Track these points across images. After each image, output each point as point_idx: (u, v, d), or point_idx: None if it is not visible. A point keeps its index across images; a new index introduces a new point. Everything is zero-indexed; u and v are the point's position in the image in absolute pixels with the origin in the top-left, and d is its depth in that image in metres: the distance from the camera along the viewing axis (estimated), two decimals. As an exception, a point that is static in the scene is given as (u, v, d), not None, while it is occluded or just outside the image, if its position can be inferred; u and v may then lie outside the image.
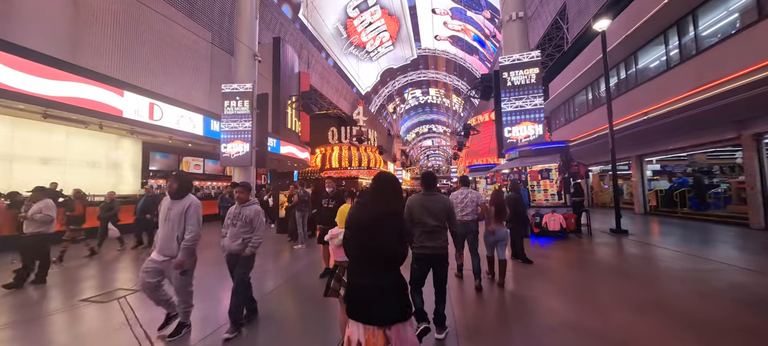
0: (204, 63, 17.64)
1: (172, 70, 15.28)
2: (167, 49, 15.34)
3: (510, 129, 12.08)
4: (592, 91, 17.65)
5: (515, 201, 6.50)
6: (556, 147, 8.90)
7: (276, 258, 7.31)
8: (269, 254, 7.68)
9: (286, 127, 21.94)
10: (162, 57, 15.00)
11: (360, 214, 2.01)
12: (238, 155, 14.03)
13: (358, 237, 1.93)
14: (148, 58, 14.35)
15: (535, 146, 9.04)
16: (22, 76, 7.87)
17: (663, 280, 5.04)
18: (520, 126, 11.93)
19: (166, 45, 15.31)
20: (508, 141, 12.02)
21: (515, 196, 6.69)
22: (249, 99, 14.22)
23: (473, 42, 35.18)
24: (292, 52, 23.75)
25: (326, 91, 34.15)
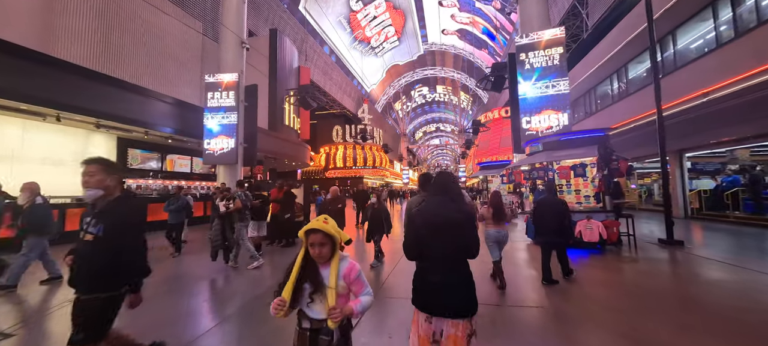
0: (194, 55, 16.22)
1: (157, 62, 13.87)
2: (152, 39, 13.93)
3: (529, 119, 10.22)
4: (618, 80, 15.59)
5: (556, 206, 4.80)
6: (593, 137, 7.00)
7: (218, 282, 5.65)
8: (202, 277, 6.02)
9: (283, 123, 20.44)
10: (145, 47, 13.59)
11: (448, 212, 1.96)
12: (223, 152, 12.50)
13: (444, 235, 1.91)
14: (130, 48, 12.96)
15: (566, 136, 7.19)
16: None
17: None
18: (542, 115, 10.06)
19: (151, 35, 13.91)
20: (527, 133, 10.16)
21: (554, 199, 4.96)
22: (235, 90, 12.68)
23: (482, 35, 33.16)
24: (291, 45, 22.24)
25: (329, 88, 32.61)
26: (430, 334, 1.84)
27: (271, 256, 7.46)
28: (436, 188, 2.13)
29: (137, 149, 12.99)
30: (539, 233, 5.25)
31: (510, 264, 6.13)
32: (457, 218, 1.96)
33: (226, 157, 12.43)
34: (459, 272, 1.91)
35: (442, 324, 1.83)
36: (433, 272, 1.90)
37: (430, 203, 2.09)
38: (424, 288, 1.92)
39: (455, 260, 1.92)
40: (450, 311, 1.83)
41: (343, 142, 36.73)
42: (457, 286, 1.88)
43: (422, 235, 1.96)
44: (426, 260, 1.97)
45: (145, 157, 13.30)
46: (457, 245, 1.91)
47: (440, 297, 1.85)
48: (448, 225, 1.94)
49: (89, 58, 11.42)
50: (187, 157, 14.86)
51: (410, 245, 2.00)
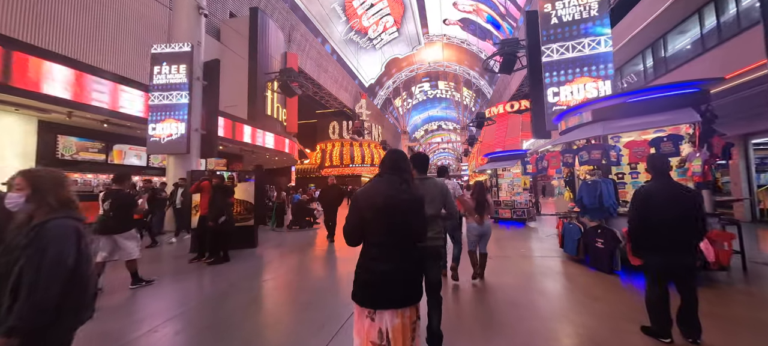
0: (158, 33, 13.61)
1: (109, 36, 11.24)
2: (104, 9, 11.32)
3: (556, 90, 7.48)
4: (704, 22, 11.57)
5: (683, 200, 2.35)
6: (684, 95, 4.17)
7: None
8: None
9: (264, 113, 17.82)
10: (91, 18, 10.98)
11: (394, 194, 1.71)
12: (171, 139, 9.88)
13: (392, 219, 1.69)
14: (71, 19, 10.36)
15: (638, 95, 4.37)
16: None
17: None
18: (574, 84, 7.31)
19: (101, 5, 11.30)
20: (554, 108, 7.42)
21: (677, 187, 2.35)
22: (187, 64, 10.08)
23: (486, 24, 30.38)
24: (276, 29, 19.63)
25: (324, 81, 29.99)
26: (377, 332, 1.63)
27: (198, 277, 4.81)
28: (386, 167, 1.82)
29: (72, 137, 10.42)
30: (647, 247, 2.61)
31: (562, 301, 3.51)
32: (405, 199, 1.73)
33: (174, 145, 9.81)
34: (407, 258, 1.73)
35: (387, 316, 1.64)
36: (379, 259, 1.68)
37: (377, 182, 1.80)
38: (368, 279, 1.69)
39: (404, 244, 1.72)
40: (396, 301, 1.65)
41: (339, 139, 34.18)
42: (406, 273, 1.70)
43: (366, 218, 1.70)
44: (371, 247, 1.73)
45: (82, 147, 10.72)
46: (404, 228, 1.72)
47: (386, 287, 1.65)
48: (395, 207, 1.71)
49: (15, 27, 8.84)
50: (141, 147, 12.24)
51: (351, 228, 1.73)
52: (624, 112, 4.49)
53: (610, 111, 4.66)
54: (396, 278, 1.66)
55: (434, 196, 2.64)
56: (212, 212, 5.65)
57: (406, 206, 1.71)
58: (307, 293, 4.23)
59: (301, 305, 3.81)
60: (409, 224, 1.71)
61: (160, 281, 4.74)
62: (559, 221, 5.99)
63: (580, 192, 4.94)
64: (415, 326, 1.71)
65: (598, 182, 4.71)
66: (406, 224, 1.71)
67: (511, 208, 10.26)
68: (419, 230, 1.76)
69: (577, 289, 4.06)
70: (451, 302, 3.82)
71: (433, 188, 2.67)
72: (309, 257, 6.41)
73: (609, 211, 4.64)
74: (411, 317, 1.69)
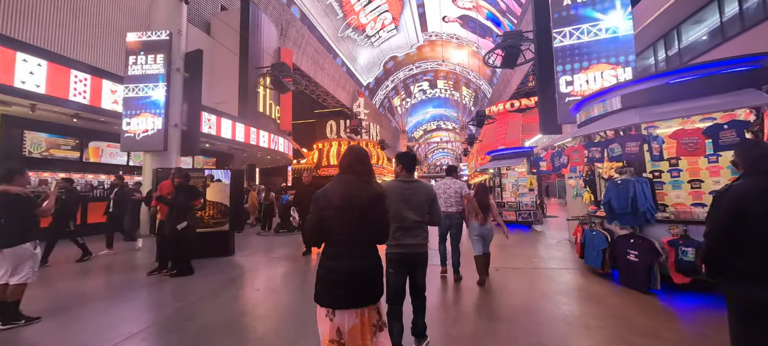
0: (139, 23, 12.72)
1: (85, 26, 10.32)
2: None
3: (569, 78, 6.61)
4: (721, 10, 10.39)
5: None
6: (742, 72, 3.27)
7: None
8: None
9: (256, 110, 16.93)
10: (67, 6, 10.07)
11: (358, 192, 1.68)
12: (147, 135, 8.99)
13: (351, 217, 1.66)
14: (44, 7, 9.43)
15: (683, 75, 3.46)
16: None
17: None
18: (590, 72, 6.45)
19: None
20: (568, 99, 6.56)
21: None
22: (165, 53, 9.20)
23: (487, 21, 29.54)
24: (269, 23, 18.74)
25: (321, 79, 29.10)
26: (335, 331, 1.62)
27: (147, 294, 3.92)
28: (342, 167, 1.81)
29: (42, 133, 9.53)
30: (736, 272, 1.69)
31: (600, 337, 2.59)
32: (364, 197, 1.70)
33: (150, 141, 8.93)
34: (367, 257, 1.71)
35: (345, 316, 1.63)
36: (337, 258, 1.66)
37: (336, 181, 1.77)
38: (327, 278, 1.67)
39: (363, 244, 1.71)
40: (354, 300, 1.64)
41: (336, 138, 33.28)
42: (365, 272, 1.68)
43: (326, 217, 1.68)
44: (330, 246, 1.71)
45: (53, 144, 9.83)
46: (363, 227, 1.70)
47: (344, 286, 1.63)
48: (354, 206, 1.68)
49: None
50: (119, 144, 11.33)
51: (311, 228, 1.72)
52: (664, 95, 3.62)
53: (646, 95, 3.79)
54: (354, 278, 1.64)
55: (420, 200, 2.47)
56: (171, 216, 4.77)
57: (366, 205, 1.68)
58: (282, 319, 3.36)
59: (272, 337, 2.94)
60: (368, 223, 1.69)
61: (92, 302, 3.86)
62: (577, 227, 5.12)
63: (608, 193, 4.07)
64: (376, 329, 1.67)
65: (630, 182, 3.85)
66: (365, 223, 1.68)
67: (515, 210, 9.40)
68: (380, 229, 1.75)
69: (612, 318, 3.18)
70: (452, 328, 2.98)
71: (419, 192, 2.49)
72: (291, 267, 5.53)
73: (645, 216, 3.77)
74: (371, 318, 1.66)
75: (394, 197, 2.43)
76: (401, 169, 2.59)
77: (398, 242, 2.41)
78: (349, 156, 1.80)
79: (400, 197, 2.46)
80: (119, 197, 7.01)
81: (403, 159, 2.58)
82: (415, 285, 2.50)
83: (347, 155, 1.81)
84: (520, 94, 29.93)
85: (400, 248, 2.42)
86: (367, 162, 1.80)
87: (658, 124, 3.95)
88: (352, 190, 1.67)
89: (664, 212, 3.87)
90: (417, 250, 2.44)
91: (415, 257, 2.45)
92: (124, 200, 7.17)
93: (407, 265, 2.46)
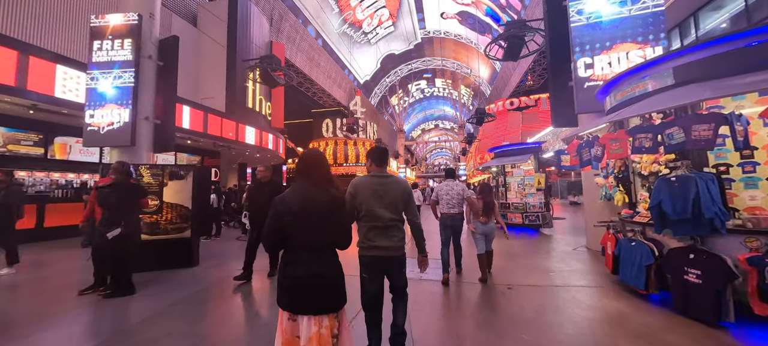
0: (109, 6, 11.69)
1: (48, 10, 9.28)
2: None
3: (589, 60, 5.66)
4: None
5: None
6: None
7: None
8: None
9: (245, 106, 15.93)
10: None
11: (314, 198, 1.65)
12: (112, 129, 7.97)
13: (309, 223, 1.62)
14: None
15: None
16: None
17: None
18: (613, 53, 5.50)
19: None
20: (587, 85, 5.60)
21: None
22: (133, 38, 8.19)
23: (486, 17, 28.62)
24: (260, 15, 17.74)
25: (316, 76, 28.12)
26: (293, 336, 1.60)
27: (58, 326, 2.91)
28: (300, 171, 1.75)
29: (0, 128, 8.52)
30: None
31: None
32: (323, 201, 1.66)
33: (116, 136, 7.90)
34: (325, 262, 1.66)
35: (304, 322, 1.59)
36: (296, 263, 1.62)
37: (295, 186, 1.72)
38: (286, 284, 1.63)
39: (321, 249, 1.66)
40: (313, 307, 1.60)
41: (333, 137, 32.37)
42: (322, 279, 1.63)
43: (284, 223, 1.63)
44: (289, 252, 1.67)
45: (11, 139, 8.80)
46: (322, 233, 1.66)
47: (303, 293, 1.60)
48: (311, 211, 1.64)
49: None
50: (92, 141, 10.30)
51: (267, 233, 1.65)
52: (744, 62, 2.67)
53: (714, 65, 2.83)
54: (312, 284, 1.60)
55: (394, 198, 2.23)
56: (102, 222, 3.77)
57: (324, 209, 1.66)
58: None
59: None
60: (326, 228, 1.66)
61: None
62: (606, 235, 4.15)
63: (657, 194, 3.11)
64: (336, 340, 1.64)
65: (690, 180, 2.88)
66: (324, 229, 1.66)
67: (522, 212, 8.43)
68: (339, 234, 1.71)
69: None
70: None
71: (394, 188, 2.25)
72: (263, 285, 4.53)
73: (712, 224, 2.80)
74: (330, 327, 1.62)
75: (365, 193, 2.18)
76: (371, 163, 2.33)
77: (371, 244, 2.16)
78: (304, 161, 1.78)
79: (372, 194, 2.19)
80: (6, 199, 4.98)
81: (373, 153, 2.35)
82: (394, 286, 2.31)
83: (303, 160, 1.79)
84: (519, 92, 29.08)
85: (374, 251, 2.16)
86: (323, 167, 1.75)
87: (743, 102, 2.97)
88: (309, 195, 1.65)
89: (736, 218, 2.91)
90: (392, 253, 2.19)
91: (391, 260, 2.21)
92: (13, 203, 5.12)
93: (382, 269, 2.22)
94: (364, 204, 2.18)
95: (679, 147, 2.79)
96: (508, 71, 29.33)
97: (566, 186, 23.76)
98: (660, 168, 3.37)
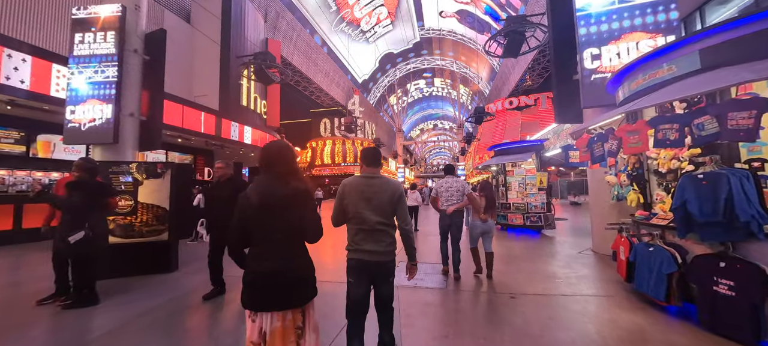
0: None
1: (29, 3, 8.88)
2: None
3: (596, 51, 5.29)
4: None
5: None
6: None
7: None
8: None
9: (239, 104, 15.56)
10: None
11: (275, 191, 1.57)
12: (94, 125, 7.57)
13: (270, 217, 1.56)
14: None
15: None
16: None
17: None
18: (622, 42, 5.14)
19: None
20: (594, 76, 5.23)
21: None
22: (117, 31, 7.80)
23: (485, 16, 28.26)
24: (255, 11, 17.37)
25: (314, 74, 27.72)
26: (257, 332, 1.53)
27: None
28: (263, 165, 1.67)
29: (-23, 125, 8.11)
30: None
31: None
32: (284, 195, 1.58)
33: (98, 132, 7.51)
34: (290, 257, 1.59)
35: (266, 318, 1.53)
36: (259, 259, 1.57)
37: (256, 180, 1.64)
38: (249, 280, 1.56)
39: (285, 243, 1.59)
40: (275, 302, 1.54)
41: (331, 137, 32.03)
42: (286, 274, 1.56)
43: (248, 217, 1.57)
44: (253, 247, 1.61)
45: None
46: (285, 227, 1.58)
47: (266, 289, 1.54)
48: (273, 205, 1.57)
49: None
50: (77, 139, 9.89)
51: (232, 230, 1.61)
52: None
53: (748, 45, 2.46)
54: (275, 280, 1.55)
55: (382, 200, 2.08)
56: (63, 224, 3.39)
57: (283, 203, 1.58)
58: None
59: None
60: (288, 221, 1.58)
61: None
62: (618, 238, 3.77)
63: (683, 193, 2.73)
64: (300, 331, 1.59)
65: (721, 177, 2.51)
66: (285, 222, 1.58)
67: (523, 212, 8.05)
68: (303, 227, 1.63)
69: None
70: None
71: (382, 190, 2.11)
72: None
73: (748, 228, 2.43)
74: (294, 320, 1.58)
75: (353, 195, 2.10)
76: (362, 163, 2.25)
77: (357, 247, 2.09)
78: (267, 153, 1.68)
79: (360, 196, 2.09)
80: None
81: (364, 153, 2.26)
82: (379, 297, 2.15)
83: (265, 153, 1.69)
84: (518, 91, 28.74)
85: (359, 254, 2.08)
86: (286, 159, 1.65)
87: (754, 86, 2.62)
88: (270, 188, 1.57)
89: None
90: (379, 258, 2.07)
91: (378, 267, 2.08)
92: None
93: (368, 274, 2.09)
94: (352, 206, 2.09)
95: (711, 139, 2.42)
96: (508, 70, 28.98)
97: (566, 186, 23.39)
98: (681, 164, 3.00)
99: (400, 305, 3.39)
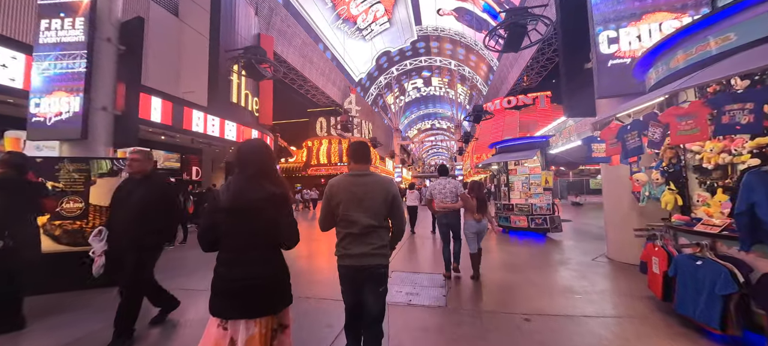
0: None
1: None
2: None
3: (613, 34, 4.69)
4: None
5: None
6: None
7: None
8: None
9: (228, 100, 14.86)
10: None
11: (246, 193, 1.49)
12: (60, 119, 6.89)
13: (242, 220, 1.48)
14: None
15: None
16: None
17: None
18: (643, 23, 4.55)
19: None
20: (611, 62, 4.63)
21: None
22: (86, 17, 7.13)
23: (483, 14, 27.74)
24: (246, 5, 16.72)
25: (309, 72, 27.05)
26: (228, 341, 1.42)
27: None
28: (235, 164, 1.59)
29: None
30: None
31: None
32: (256, 198, 1.48)
33: (65, 127, 6.82)
34: (262, 263, 1.51)
35: (241, 326, 1.43)
36: (230, 264, 1.48)
37: (229, 181, 1.55)
38: (219, 287, 1.48)
39: (260, 249, 1.51)
40: (249, 310, 1.44)
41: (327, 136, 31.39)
42: (260, 279, 1.48)
43: (219, 220, 1.49)
44: (223, 252, 1.51)
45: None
46: (258, 231, 1.50)
47: (239, 296, 1.44)
48: (243, 208, 1.48)
49: None
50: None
51: (202, 231, 1.54)
52: None
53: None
54: (248, 285, 1.46)
55: (375, 201, 1.90)
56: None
57: (256, 206, 1.50)
58: None
59: None
60: (261, 225, 1.51)
61: None
62: (649, 246, 3.16)
63: (749, 194, 2.12)
64: (276, 333, 1.53)
65: None
66: (258, 226, 1.51)
67: (527, 214, 7.45)
68: (279, 232, 1.55)
69: None
70: None
71: (375, 189, 1.92)
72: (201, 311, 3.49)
73: None
74: (270, 325, 1.50)
75: (342, 196, 1.88)
76: (349, 159, 2.03)
77: (345, 252, 1.88)
78: (240, 152, 1.58)
79: (350, 197, 1.87)
80: None
81: (351, 148, 2.04)
82: (366, 309, 1.86)
83: (238, 152, 1.59)
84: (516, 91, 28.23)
85: (347, 260, 1.87)
86: (259, 159, 1.56)
87: None
88: (242, 191, 1.49)
89: None
90: (368, 262, 1.83)
91: (364, 271, 1.84)
92: None
93: (356, 282, 1.88)
94: (340, 208, 1.89)
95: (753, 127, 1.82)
96: (506, 68, 28.47)
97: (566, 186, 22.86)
98: (739, 158, 2.40)
99: (390, 330, 2.76)
